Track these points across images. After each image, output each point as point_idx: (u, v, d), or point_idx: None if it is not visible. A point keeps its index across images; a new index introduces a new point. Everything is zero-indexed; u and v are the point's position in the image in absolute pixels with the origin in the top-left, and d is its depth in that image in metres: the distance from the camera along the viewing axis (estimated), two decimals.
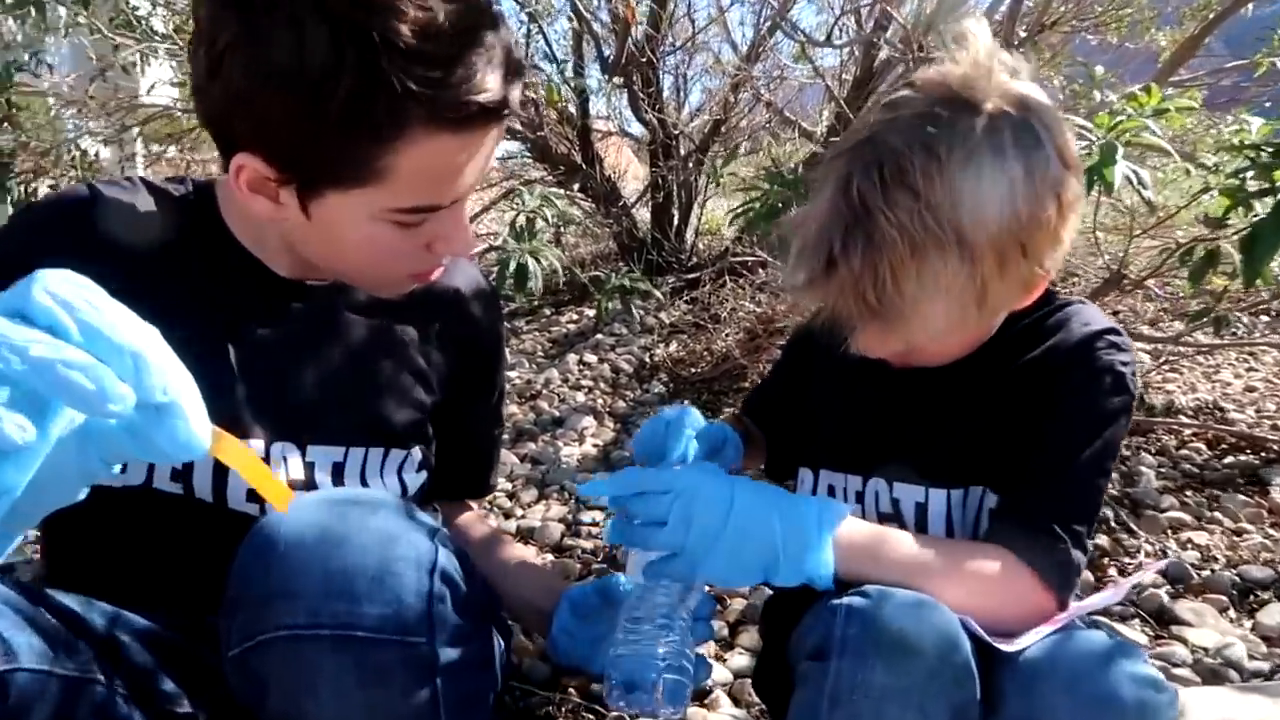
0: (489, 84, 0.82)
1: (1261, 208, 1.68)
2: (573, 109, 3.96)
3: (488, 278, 1.22)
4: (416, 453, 1.08)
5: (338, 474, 1.01)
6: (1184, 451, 2.34)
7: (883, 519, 1.02)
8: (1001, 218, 0.85)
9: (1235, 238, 1.87)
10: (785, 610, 1.05)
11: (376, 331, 1.06)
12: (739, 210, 2.00)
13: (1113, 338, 0.96)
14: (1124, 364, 0.95)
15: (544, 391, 2.83)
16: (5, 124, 3.34)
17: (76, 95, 3.27)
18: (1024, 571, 0.90)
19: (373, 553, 0.77)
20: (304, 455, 1.00)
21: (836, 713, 0.78)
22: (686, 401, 2.75)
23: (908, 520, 1.01)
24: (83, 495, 0.68)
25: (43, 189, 3.33)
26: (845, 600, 0.82)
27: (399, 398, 1.06)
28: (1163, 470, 2.22)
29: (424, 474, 1.10)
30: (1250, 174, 1.74)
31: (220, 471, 0.95)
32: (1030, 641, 0.84)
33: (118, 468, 0.66)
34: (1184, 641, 1.51)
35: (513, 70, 0.85)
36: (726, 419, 1.18)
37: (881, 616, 0.79)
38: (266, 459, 0.97)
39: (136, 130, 3.55)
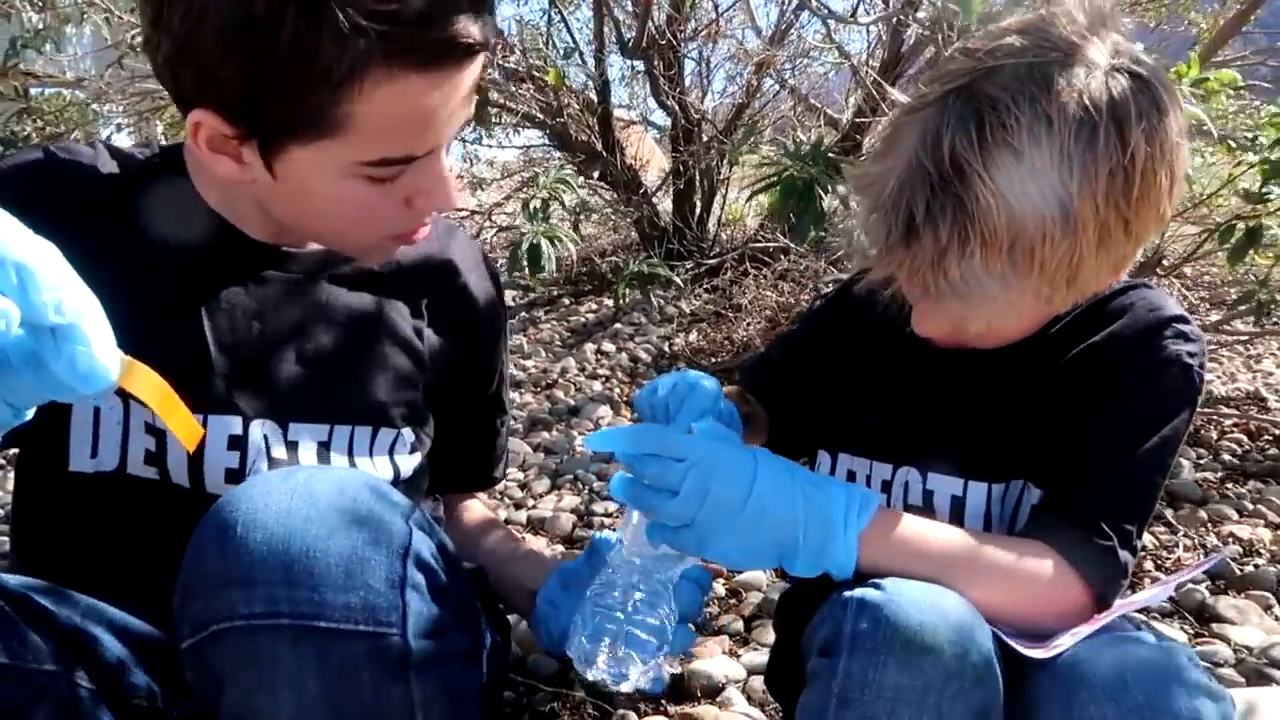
0: (452, 16, 0.75)
1: None
2: (593, 95, 3.90)
3: (487, 253, 1.15)
4: (409, 434, 1.02)
5: (323, 453, 0.96)
6: (1224, 442, 2.24)
7: (911, 511, 0.94)
8: (1113, 187, 0.75)
9: (1278, 213, 1.78)
10: (803, 602, 0.97)
11: (363, 303, 1.00)
12: (755, 187, 1.93)
13: (1181, 326, 0.87)
14: (1191, 355, 0.87)
15: (560, 381, 2.78)
16: (24, 113, 3.33)
17: (94, 82, 3.25)
18: (1066, 570, 0.83)
19: (339, 536, 0.71)
20: (286, 433, 0.94)
21: (846, 714, 0.72)
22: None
23: (941, 514, 0.93)
24: None
25: None
26: (857, 593, 0.75)
27: (387, 374, 1.00)
28: (1202, 462, 2.12)
29: (418, 457, 1.04)
30: None
31: (197, 456, 0.90)
32: (1066, 645, 0.77)
33: (30, 413, 0.60)
34: (1226, 640, 1.42)
35: (479, 1, 0.78)
36: (729, 393, 1.08)
37: (895, 611, 0.72)
38: (244, 436, 0.91)
39: (160, 117, 3.53)
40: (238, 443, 0.90)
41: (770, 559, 0.83)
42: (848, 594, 0.76)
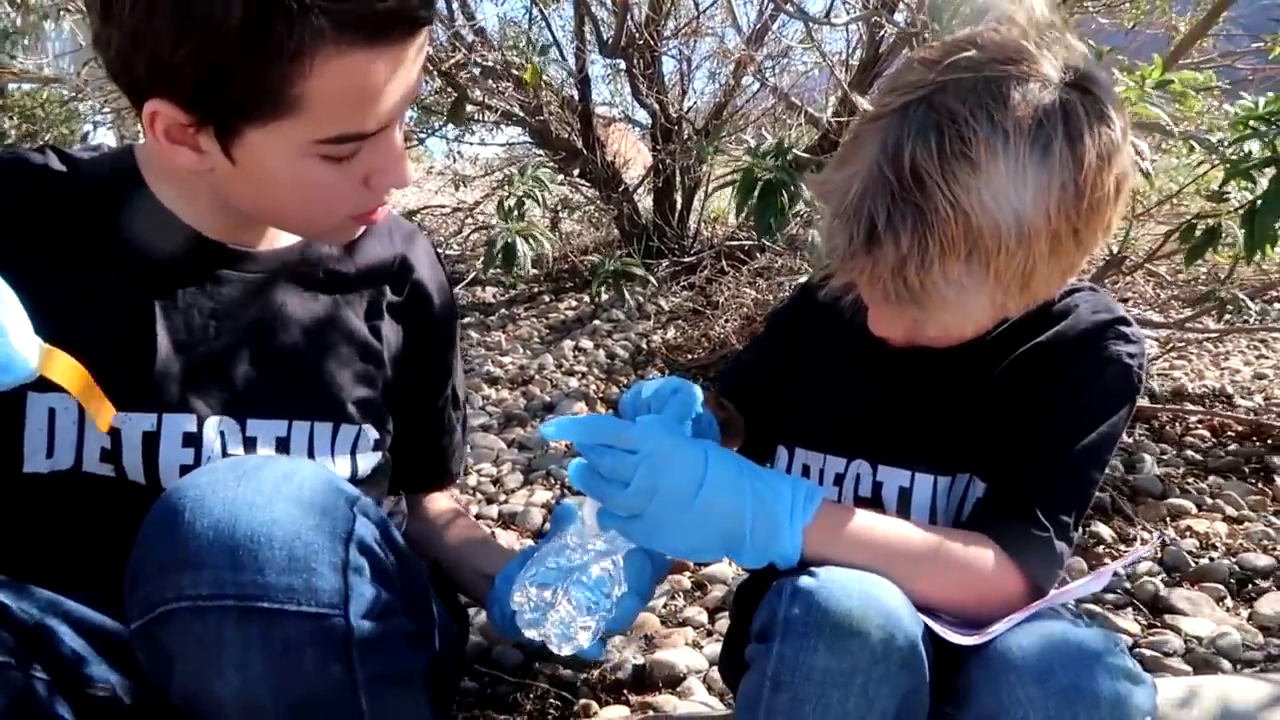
0: None
1: (1264, 179, 1.62)
2: (574, 93, 3.92)
3: (436, 247, 1.17)
4: (370, 431, 1.03)
5: (282, 450, 0.97)
6: (1188, 439, 2.28)
7: (860, 503, 0.97)
8: (1064, 199, 0.77)
9: (1238, 213, 1.81)
10: (758, 592, 1.00)
11: (320, 302, 1.01)
12: (719, 184, 1.95)
13: (1122, 328, 0.91)
14: (1131, 356, 0.90)
15: (537, 377, 2.80)
16: (1, 110, 3.32)
17: (71, 79, 3.25)
18: (1006, 561, 0.85)
19: (284, 522, 0.73)
20: (244, 430, 0.96)
21: (778, 697, 0.74)
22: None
23: (889, 506, 0.96)
24: None
25: None
26: (790, 580, 0.78)
27: (345, 371, 1.01)
28: (1165, 457, 2.16)
29: (379, 455, 1.06)
30: (1255, 146, 1.68)
31: (150, 451, 0.91)
32: (996, 632, 0.79)
33: None
34: (1178, 631, 1.46)
35: None
36: (705, 399, 1.12)
37: (826, 597, 0.74)
38: (199, 434, 0.93)
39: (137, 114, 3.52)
40: (193, 440, 0.92)
41: (717, 551, 0.85)
42: (782, 581, 0.78)
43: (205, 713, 0.75)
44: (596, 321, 3.32)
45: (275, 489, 0.74)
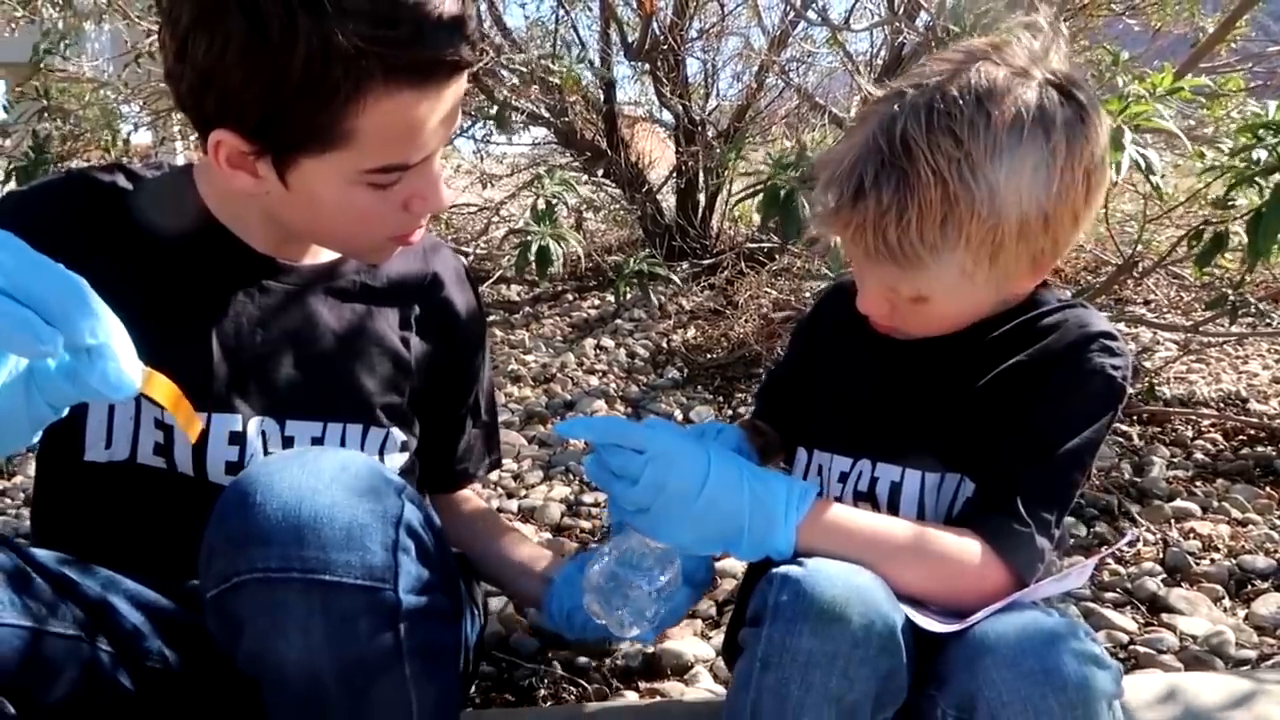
0: (440, 37, 0.85)
1: (1269, 186, 1.65)
2: (599, 94, 3.98)
3: (466, 264, 1.24)
4: (397, 434, 1.11)
5: None
6: (1199, 442, 2.30)
7: (859, 499, 1.03)
8: (1035, 185, 0.87)
9: (1244, 219, 1.84)
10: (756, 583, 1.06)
11: (355, 313, 1.09)
12: (742, 195, 2.01)
13: (1107, 341, 0.97)
14: (1115, 368, 0.96)
15: (559, 375, 2.86)
16: (45, 112, 3.43)
17: (113, 82, 3.35)
18: (991, 555, 0.91)
19: (342, 505, 0.81)
20: (283, 430, 1.04)
21: (767, 676, 0.81)
22: (712, 415, 2.76)
23: (880, 500, 1.02)
24: (36, 438, 0.75)
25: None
26: (781, 569, 0.84)
27: (377, 378, 1.09)
28: (1175, 461, 2.19)
29: (405, 456, 1.13)
30: (1263, 155, 1.71)
31: (200, 448, 0.99)
32: (972, 621, 0.85)
33: (65, 410, 0.73)
34: (1173, 629, 1.50)
35: (462, 21, 0.88)
36: (744, 424, 1.18)
37: (812, 585, 0.81)
38: (243, 433, 1.00)
39: (175, 115, 3.63)
40: (237, 438, 1.00)
41: (717, 546, 0.93)
42: (774, 570, 0.85)
43: (269, 673, 0.83)
44: (618, 320, 3.38)
45: (333, 476, 0.83)
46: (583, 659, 1.44)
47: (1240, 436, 2.34)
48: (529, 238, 2.68)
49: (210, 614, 0.84)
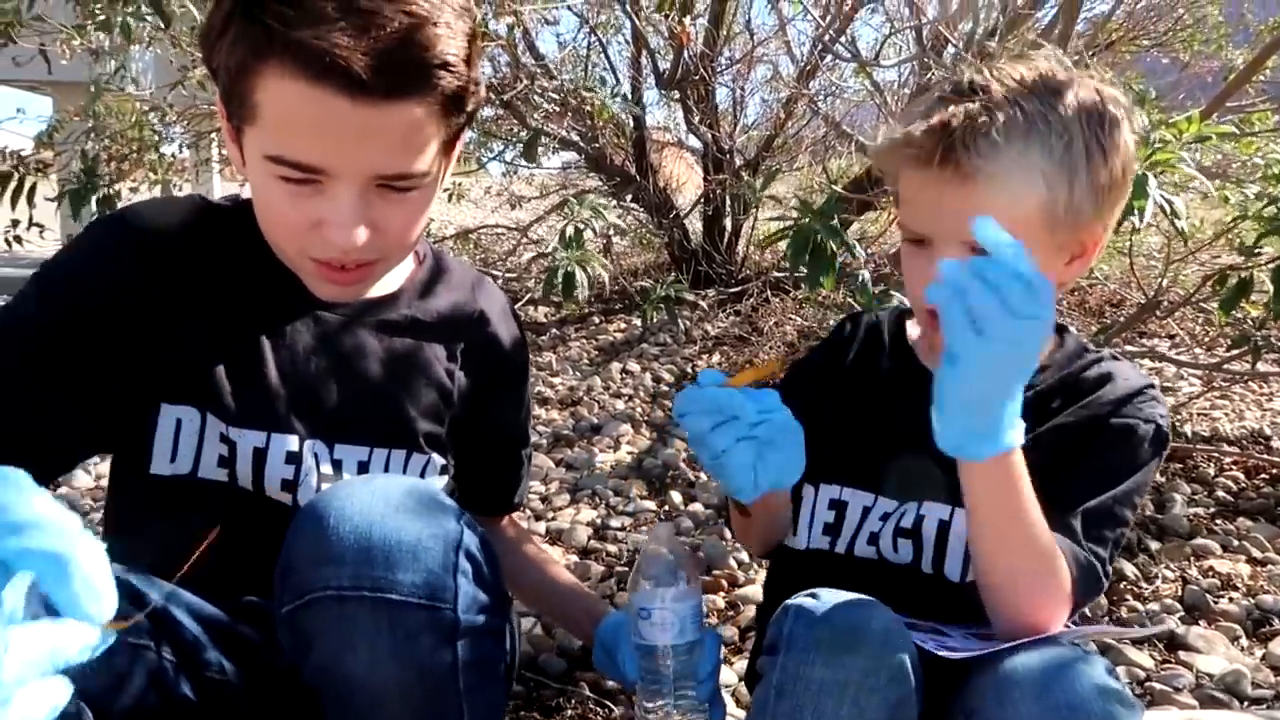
0: (340, 40, 0.83)
1: None
2: (629, 120, 4.04)
3: (512, 303, 1.29)
4: (437, 459, 1.16)
5: (363, 473, 1.10)
6: (1221, 479, 2.32)
7: (901, 534, 1.05)
8: (1065, 160, 0.93)
9: (1270, 266, 1.87)
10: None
11: (404, 345, 1.14)
12: (770, 238, 2.05)
13: (1150, 392, 1.04)
14: (1161, 416, 1.03)
15: (585, 398, 2.91)
16: (93, 132, 3.53)
17: (158, 102, 3.45)
18: (1068, 579, 0.93)
19: (408, 529, 0.87)
20: (332, 453, 1.09)
21: (781, 704, 0.85)
22: None
23: (927, 539, 1.04)
24: None
25: (124, 191, 3.52)
26: (796, 601, 0.89)
27: (422, 407, 1.14)
28: (1196, 498, 2.21)
29: (445, 479, 1.18)
30: None
31: (259, 464, 1.04)
32: (990, 650, 0.88)
33: None
34: (1190, 667, 1.52)
35: (410, 49, 0.85)
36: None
37: (825, 616, 0.85)
38: (299, 453, 1.06)
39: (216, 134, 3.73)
40: (294, 458, 1.05)
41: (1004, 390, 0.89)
42: (788, 601, 0.89)
43: (335, 685, 0.88)
44: (644, 345, 3.43)
45: (400, 502, 0.88)
46: (610, 682, 1.48)
47: (1262, 475, 2.36)
48: (556, 263, 2.74)
49: (283, 628, 0.90)
